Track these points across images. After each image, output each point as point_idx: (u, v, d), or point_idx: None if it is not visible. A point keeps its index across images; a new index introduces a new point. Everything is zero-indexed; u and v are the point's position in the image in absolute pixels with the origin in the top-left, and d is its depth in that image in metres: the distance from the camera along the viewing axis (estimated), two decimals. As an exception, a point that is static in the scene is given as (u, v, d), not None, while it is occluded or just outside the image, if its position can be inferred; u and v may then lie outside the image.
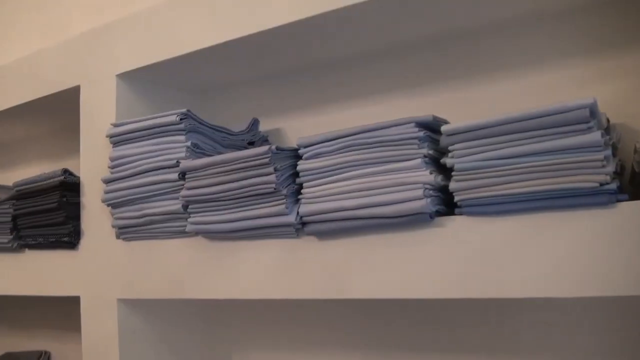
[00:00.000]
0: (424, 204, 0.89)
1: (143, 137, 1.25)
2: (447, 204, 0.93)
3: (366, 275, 0.97)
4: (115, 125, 1.30)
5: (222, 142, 1.28)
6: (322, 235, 1.02)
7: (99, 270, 1.36)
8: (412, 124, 0.93)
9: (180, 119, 1.19)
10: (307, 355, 1.37)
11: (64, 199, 1.41)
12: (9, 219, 1.54)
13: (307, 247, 1.04)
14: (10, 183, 1.61)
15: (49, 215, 1.44)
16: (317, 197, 1.01)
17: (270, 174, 1.04)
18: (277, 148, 1.05)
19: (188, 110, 1.20)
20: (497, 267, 0.85)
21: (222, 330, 1.51)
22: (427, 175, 0.90)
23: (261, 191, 1.06)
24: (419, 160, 0.91)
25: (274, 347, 1.43)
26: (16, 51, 2.02)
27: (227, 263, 1.14)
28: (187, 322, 1.48)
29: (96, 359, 1.36)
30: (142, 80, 1.40)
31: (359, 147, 0.97)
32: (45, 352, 1.93)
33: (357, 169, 0.97)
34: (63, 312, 1.82)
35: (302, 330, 1.38)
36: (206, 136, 1.24)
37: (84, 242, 1.40)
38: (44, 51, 1.57)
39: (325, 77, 1.36)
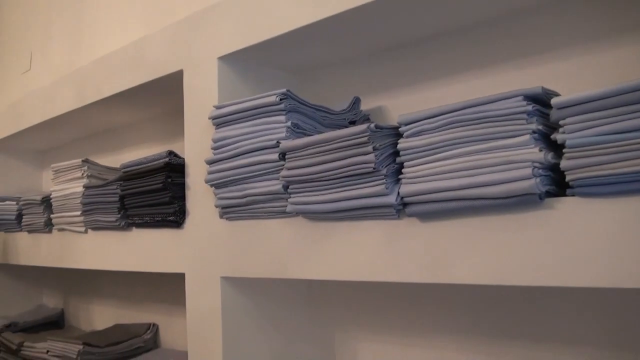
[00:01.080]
0: (533, 183, 0.85)
1: (244, 118, 1.28)
2: (558, 184, 0.88)
3: (470, 260, 0.95)
4: (217, 108, 1.34)
5: (322, 122, 1.29)
6: (424, 216, 1.01)
7: (203, 248, 1.42)
8: (520, 97, 0.89)
9: (280, 99, 1.21)
10: (410, 338, 1.37)
11: (169, 180, 1.48)
12: (117, 199, 1.63)
13: (408, 229, 1.03)
14: (118, 165, 1.71)
15: (155, 195, 1.52)
16: (419, 177, 0.99)
17: (369, 153, 1.03)
18: (376, 126, 1.04)
19: (288, 90, 1.22)
20: (614, 253, 0.80)
21: (325, 310, 1.54)
22: (537, 153, 0.86)
23: (360, 171, 1.05)
24: (527, 137, 0.87)
25: (376, 328, 1.44)
26: (122, 38, 2.13)
27: (327, 244, 1.15)
28: (290, 301, 1.52)
29: (200, 333, 1.43)
30: (242, 62, 1.44)
31: (463, 123, 0.94)
32: (154, 325, 2.04)
33: (461, 147, 0.95)
34: (170, 287, 1.92)
35: (405, 313, 1.38)
36: (306, 116, 1.25)
37: (188, 221, 1.47)
38: (148, 37, 1.64)
39: (427, 52, 1.34)
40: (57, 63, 2.78)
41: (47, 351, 2.02)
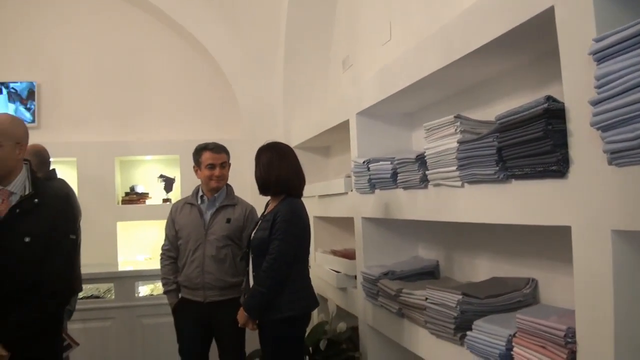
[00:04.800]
0: None
1: (631, 47, 1.15)
2: None
3: None
4: (597, 40, 1.23)
5: None
6: None
7: (590, 199, 1.32)
8: None
9: (678, 16, 1.04)
10: None
11: (550, 127, 1.41)
12: (494, 151, 1.62)
13: None
14: (490, 118, 1.69)
15: (534, 145, 1.47)
16: None
17: None
18: None
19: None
20: None
21: None
22: None
23: None
24: None
25: None
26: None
27: None
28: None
29: (589, 292, 1.35)
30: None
31: None
32: (532, 280, 2.00)
33: None
34: (550, 241, 1.85)
35: None
36: None
37: (572, 170, 1.39)
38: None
39: None
40: (416, 28, 2.89)
41: (426, 298, 2.15)
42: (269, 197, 2.73)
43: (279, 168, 2.64)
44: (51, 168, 3.42)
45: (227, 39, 4.83)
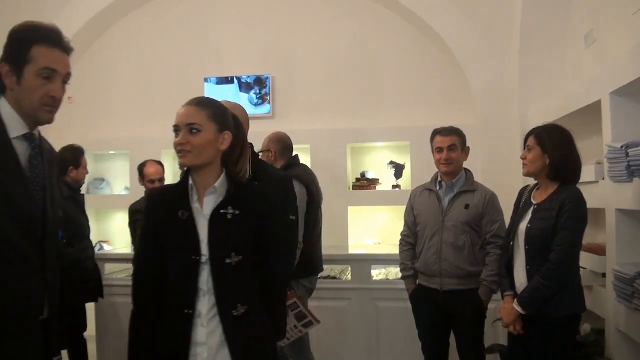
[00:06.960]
0: None
1: None
2: None
3: None
4: None
5: None
6: None
7: None
8: None
9: None
10: None
11: None
12: None
13: None
14: None
15: None
16: None
17: None
18: None
19: None
20: None
21: None
22: None
23: None
24: None
25: None
26: None
27: None
28: None
29: None
30: None
31: None
32: None
33: None
34: None
35: None
36: None
37: None
38: None
39: None
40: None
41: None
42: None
43: (575, 152, 2.44)
44: (294, 154, 3.57)
45: (459, 22, 4.70)
